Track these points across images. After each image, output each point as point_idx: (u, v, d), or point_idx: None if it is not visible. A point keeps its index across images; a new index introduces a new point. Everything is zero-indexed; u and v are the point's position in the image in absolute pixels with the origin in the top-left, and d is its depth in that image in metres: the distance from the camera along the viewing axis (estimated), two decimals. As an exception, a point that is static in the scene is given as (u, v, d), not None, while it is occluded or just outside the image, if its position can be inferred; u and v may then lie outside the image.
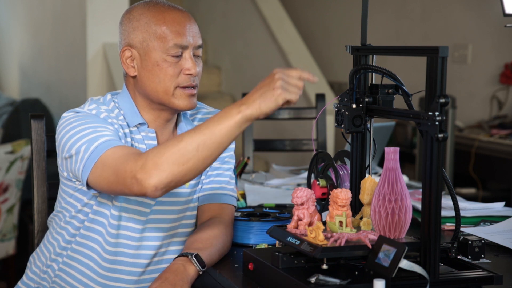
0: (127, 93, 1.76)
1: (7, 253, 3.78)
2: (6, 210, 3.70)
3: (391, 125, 2.95)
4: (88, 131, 1.63)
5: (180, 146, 1.48)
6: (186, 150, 1.48)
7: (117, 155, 1.56)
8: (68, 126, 1.67)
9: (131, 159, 1.52)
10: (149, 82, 1.71)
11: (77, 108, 1.73)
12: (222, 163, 1.85)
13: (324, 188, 1.71)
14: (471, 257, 1.52)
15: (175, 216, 1.79)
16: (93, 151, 1.59)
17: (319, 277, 1.37)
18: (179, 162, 1.48)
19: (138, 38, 1.70)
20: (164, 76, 1.69)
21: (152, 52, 1.69)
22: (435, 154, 1.38)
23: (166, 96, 1.70)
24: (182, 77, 1.70)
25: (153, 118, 1.76)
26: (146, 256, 1.76)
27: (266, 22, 4.97)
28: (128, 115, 1.74)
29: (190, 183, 1.80)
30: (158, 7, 1.72)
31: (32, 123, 1.97)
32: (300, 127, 4.47)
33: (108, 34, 4.29)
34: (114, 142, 1.61)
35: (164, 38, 1.68)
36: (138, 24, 1.71)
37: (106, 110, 1.72)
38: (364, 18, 1.62)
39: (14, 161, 3.63)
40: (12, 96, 6.10)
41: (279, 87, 1.48)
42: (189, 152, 1.48)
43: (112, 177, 1.55)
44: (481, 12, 4.42)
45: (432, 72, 1.37)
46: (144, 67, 1.71)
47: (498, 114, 4.32)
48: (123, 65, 1.74)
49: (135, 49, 1.71)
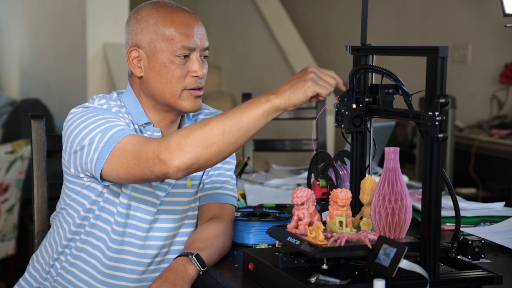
0: (132, 93, 1.76)
1: (7, 253, 3.78)
2: (6, 210, 3.70)
3: (391, 125, 2.95)
4: (102, 121, 1.63)
5: (206, 129, 1.49)
6: (212, 133, 1.48)
7: (136, 141, 1.57)
8: (79, 120, 1.66)
9: (153, 141, 1.53)
10: (155, 83, 1.71)
11: (86, 103, 1.73)
12: (224, 163, 1.85)
13: (324, 188, 1.71)
14: (471, 257, 1.52)
15: (178, 216, 1.79)
16: (108, 139, 1.59)
17: (319, 277, 1.37)
18: (203, 145, 1.48)
19: (146, 39, 1.70)
20: (171, 78, 1.69)
21: (160, 54, 1.69)
22: (435, 154, 1.38)
23: (173, 97, 1.70)
24: (189, 79, 1.70)
25: (158, 119, 1.76)
26: (149, 256, 1.76)
27: (266, 22, 4.97)
28: (133, 114, 1.74)
29: (193, 183, 1.80)
30: (166, 8, 1.72)
31: (32, 123, 1.97)
32: (300, 127, 4.47)
33: (108, 34, 4.29)
34: (129, 131, 1.61)
35: (172, 39, 1.68)
36: (146, 24, 1.71)
37: (116, 105, 1.72)
38: (364, 18, 1.62)
39: (14, 161, 3.63)
40: (12, 96, 6.10)
41: (310, 79, 1.48)
42: (215, 135, 1.48)
43: (132, 161, 1.55)
44: (481, 12, 4.42)
45: (432, 72, 1.37)
46: (151, 68, 1.71)
47: (498, 114, 4.33)
48: (129, 65, 1.74)
49: (142, 50, 1.71)
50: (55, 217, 1.83)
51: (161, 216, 1.77)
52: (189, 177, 1.79)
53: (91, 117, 1.65)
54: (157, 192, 1.75)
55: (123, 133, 1.60)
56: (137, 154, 1.54)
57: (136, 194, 1.73)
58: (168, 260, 1.79)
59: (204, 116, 1.87)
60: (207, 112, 1.88)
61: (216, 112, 1.89)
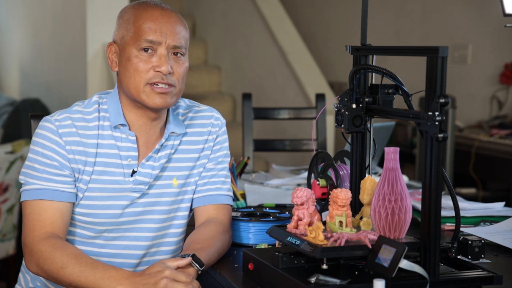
0: (116, 91, 1.77)
1: (7, 253, 3.78)
2: (6, 210, 3.70)
3: (391, 125, 2.95)
4: (34, 165, 1.69)
5: (59, 272, 1.60)
6: (61, 277, 1.60)
7: (37, 215, 1.66)
8: (33, 138, 1.72)
9: (32, 236, 1.65)
10: (123, 78, 1.71)
11: (52, 114, 1.73)
12: (216, 163, 1.84)
13: (324, 188, 1.71)
14: (471, 257, 1.52)
15: (164, 216, 1.78)
16: (24, 190, 1.69)
17: (319, 277, 1.37)
18: (53, 278, 1.62)
19: (120, 34, 1.72)
20: (134, 72, 1.68)
21: (127, 48, 1.69)
22: (435, 154, 1.38)
23: (137, 92, 1.69)
24: (151, 73, 1.68)
25: (136, 117, 1.74)
26: (135, 256, 1.76)
27: (266, 22, 4.97)
28: (112, 115, 1.73)
29: (178, 183, 1.79)
30: (144, 6, 1.71)
31: (32, 123, 1.96)
32: (300, 127, 4.47)
33: (108, 34, 4.29)
34: (41, 194, 1.67)
35: (138, 33, 1.68)
36: (121, 21, 1.72)
37: (77, 118, 1.71)
38: (364, 18, 1.62)
39: (14, 161, 3.63)
40: (12, 96, 6.10)
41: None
42: (62, 281, 1.60)
43: (23, 226, 1.68)
44: (481, 12, 4.43)
45: (432, 72, 1.37)
46: (120, 62, 1.72)
47: (498, 114, 4.33)
48: (108, 60, 1.76)
49: (116, 45, 1.73)
50: None
51: (145, 217, 1.76)
52: (175, 176, 1.78)
53: (34, 154, 1.70)
54: (132, 194, 1.74)
55: (33, 195, 1.67)
56: (24, 229, 1.67)
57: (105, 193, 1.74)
58: None
59: (193, 114, 1.84)
60: (196, 109, 1.85)
61: (207, 109, 1.85)
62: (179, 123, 1.79)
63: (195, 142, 1.81)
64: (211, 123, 1.84)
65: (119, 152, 1.72)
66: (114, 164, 1.72)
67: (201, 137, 1.82)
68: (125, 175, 1.72)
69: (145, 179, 1.73)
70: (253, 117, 3.07)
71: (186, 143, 1.80)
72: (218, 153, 1.84)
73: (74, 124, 1.70)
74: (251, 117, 3.06)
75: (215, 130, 1.84)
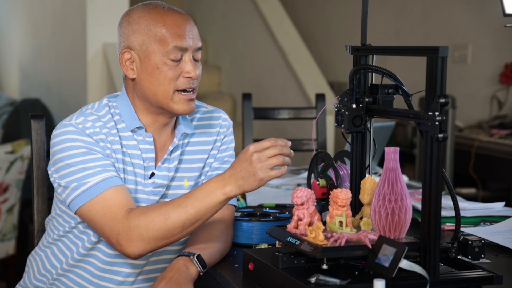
0: (126, 96, 1.76)
1: (7, 253, 3.78)
2: (6, 210, 3.70)
3: (391, 125, 2.95)
4: (77, 167, 1.65)
5: (167, 223, 1.59)
6: (172, 228, 1.59)
7: (108, 204, 1.63)
8: (59, 146, 1.67)
9: (120, 220, 1.61)
10: (148, 85, 1.70)
11: (66, 119, 1.71)
12: (222, 162, 1.85)
13: (324, 188, 1.71)
14: (471, 257, 1.52)
15: None
16: (82, 193, 1.64)
17: (319, 277, 1.37)
18: (164, 237, 1.60)
19: (138, 41, 1.70)
20: (164, 79, 1.68)
21: (152, 55, 1.68)
22: (435, 154, 1.38)
23: (165, 99, 1.70)
24: (181, 80, 1.69)
25: (151, 122, 1.75)
26: (144, 257, 1.76)
27: (266, 22, 4.97)
28: (126, 118, 1.74)
29: (189, 184, 1.80)
30: (158, 9, 1.71)
31: (32, 123, 1.97)
32: (300, 127, 4.47)
33: (108, 34, 4.29)
34: (103, 186, 1.64)
35: (164, 40, 1.67)
36: (138, 27, 1.70)
37: (94, 119, 1.71)
38: (364, 18, 1.62)
39: (14, 161, 3.63)
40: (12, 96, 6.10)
41: (258, 171, 1.54)
42: (175, 229, 1.60)
43: (99, 230, 1.64)
44: (481, 12, 4.43)
45: (432, 72, 1.37)
46: (144, 69, 1.70)
47: (498, 114, 4.33)
48: (122, 67, 1.73)
49: (134, 52, 1.70)
50: (49, 221, 1.83)
51: None
52: (186, 177, 1.79)
53: (70, 157, 1.66)
54: (151, 197, 1.75)
55: (97, 190, 1.64)
56: (102, 226, 1.63)
57: None
58: (164, 261, 1.78)
59: (201, 115, 1.85)
60: (204, 110, 1.87)
61: (214, 110, 1.87)
62: (188, 123, 1.81)
63: (205, 143, 1.83)
64: (219, 123, 1.86)
65: (142, 154, 1.74)
66: (138, 165, 1.74)
67: (210, 137, 1.84)
68: (145, 177, 1.74)
69: (163, 182, 1.75)
70: (253, 117, 3.07)
71: (194, 143, 1.82)
72: (224, 153, 1.85)
73: (94, 125, 1.70)
74: (251, 117, 3.06)
75: (223, 130, 1.86)
